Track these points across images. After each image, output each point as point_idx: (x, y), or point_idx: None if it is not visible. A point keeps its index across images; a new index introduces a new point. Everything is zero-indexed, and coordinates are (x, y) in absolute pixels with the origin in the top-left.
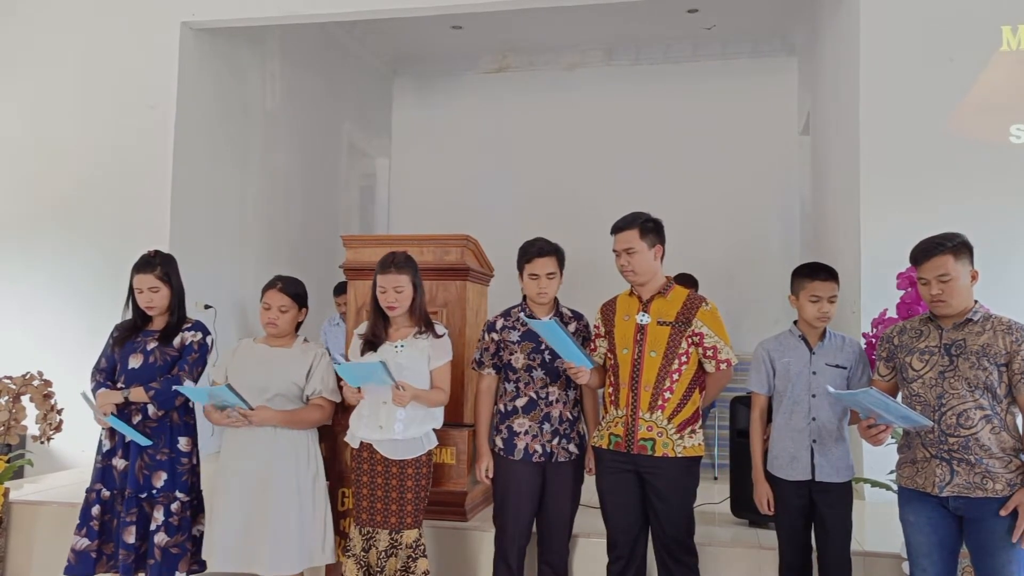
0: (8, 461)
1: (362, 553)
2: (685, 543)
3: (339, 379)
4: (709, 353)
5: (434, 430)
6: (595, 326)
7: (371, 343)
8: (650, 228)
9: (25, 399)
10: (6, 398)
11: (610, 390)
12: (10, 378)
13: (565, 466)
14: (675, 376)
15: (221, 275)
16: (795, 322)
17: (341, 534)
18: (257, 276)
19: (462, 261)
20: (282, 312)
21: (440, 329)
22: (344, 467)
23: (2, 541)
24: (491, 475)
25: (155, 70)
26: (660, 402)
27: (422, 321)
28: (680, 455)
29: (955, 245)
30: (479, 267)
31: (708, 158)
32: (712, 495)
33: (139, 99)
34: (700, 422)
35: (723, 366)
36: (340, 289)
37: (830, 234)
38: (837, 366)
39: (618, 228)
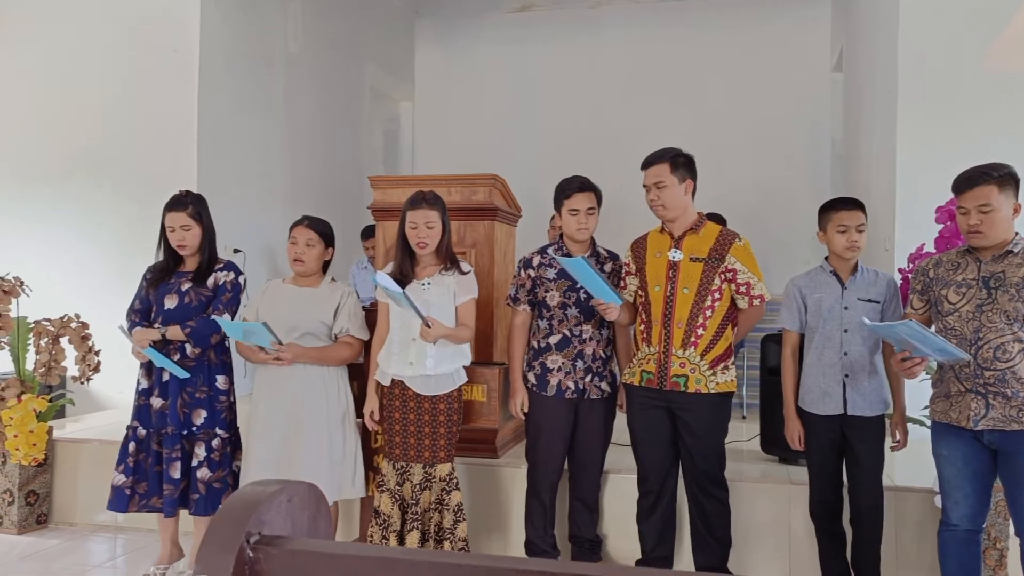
0: (50, 401)
1: (396, 487)
2: (717, 477)
3: (368, 314)
4: (742, 289)
5: (464, 367)
6: (625, 263)
7: (398, 281)
8: (681, 162)
9: (64, 341)
10: (46, 340)
11: (642, 327)
12: (49, 320)
13: (597, 403)
14: (708, 313)
15: (248, 220)
16: (826, 258)
17: (374, 469)
18: (284, 221)
19: (490, 201)
20: (308, 247)
21: (465, 266)
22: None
23: (47, 477)
24: (526, 410)
25: (177, 15)
26: (693, 339)
27: (448, 259)
28: (713, 391)
29: (1001, 176)
30: (507, 207)
31: (736, 96)
32: (741, 433)
33: (163, 44)
34: (732, 358)
35: (756, 302)
36: (368, 232)
37: (862, 172)
38: (870, 300)
39: (648, 162)
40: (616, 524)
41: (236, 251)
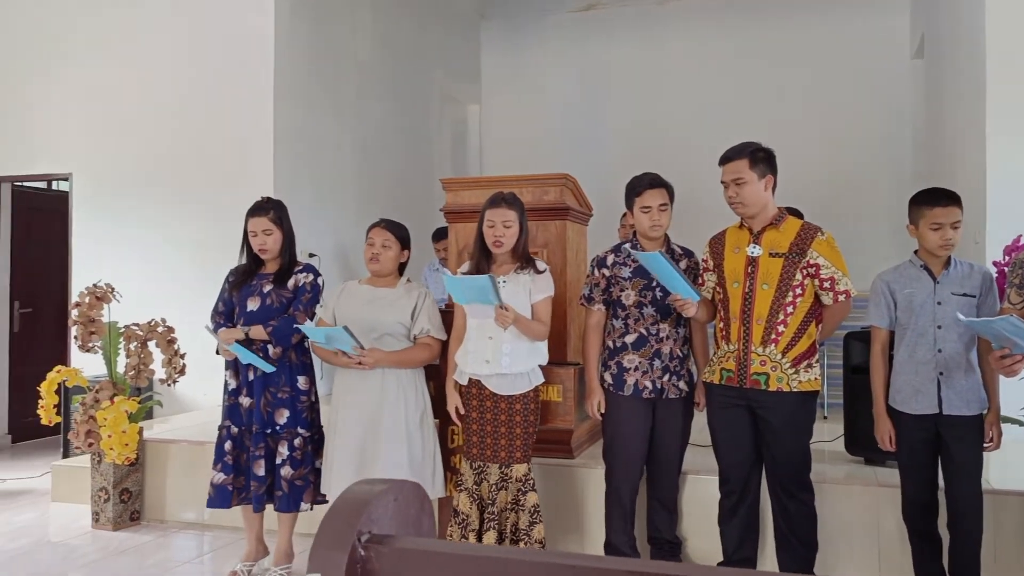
0: (140, 402)
1: (474, 487)
2: (801, 479)
3: (444, 315)
4: (826, 285)
5: (540, 367)
6: (703, 260)
7: None
8: (761, 157)
9: (151, 344)
10: (135, 344)
11: (720, 325)
12: (137, 325)
13: (675, 403)
14: (789, 309)
15: (322, 224)
16: (915, 252)
17: (452, 470)
18: (356, 224)
19: (561, 200)
20: (384, 248)
21: (541, 265)
22: None
23: (139, 476)
24: (603, 410)
25: (253, 26)
26: (773, 336)
27: (523, 259)
28: (795, 390)
29: None
30: (578, 206)
31: (811, 87)
32: (823, 434)
33: (240, 55)
34: (816, 356)
35: (841, 298)
36: (439, 235)
37: (947, 161)
38: (964, 295)
39: (726, 158)
40: (697, 525)
41: (311, 255)
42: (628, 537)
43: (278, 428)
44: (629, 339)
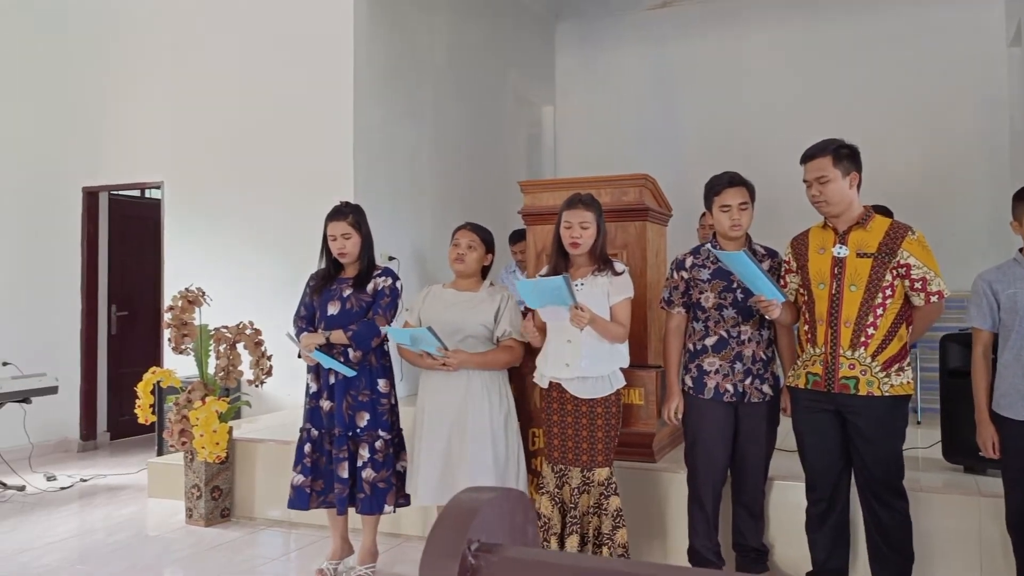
0: (230, 403)
1: (556, 490)
2: (894, 486)
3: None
4: (917, 285)
5: (621, 370)
6: (785, 261)
7: None
8: (844, 154)
9: (239, 346)
10: (224, 346)
11: (805, 327)
12: (227, 327)
13: (759, 407)
14: (879, 311)
15: (400, 227)
16: (1020, 250)
17: (533, 472)
18: (433, 228)
19: (640, 201)
20: (470, 249)
21: (620, 266)
22: (533, 408)
23: (229, 474)
24: (680, 415)
25: (333, 34)
26: (863, 339)
27: (601, 260)
28: (887, 394)
29: None
30: (658, 207)
31: (900, 79)
32: (916, 440)
33: (321, 62)
34: (908, 359)
35: (934, 299)
36: (515, 237)
37: None
38: None
39: (809, 156)
40: (784, 533)
41: (390, 258)
42: (712, 543)
43: (359, 431)
44: (709, 342)
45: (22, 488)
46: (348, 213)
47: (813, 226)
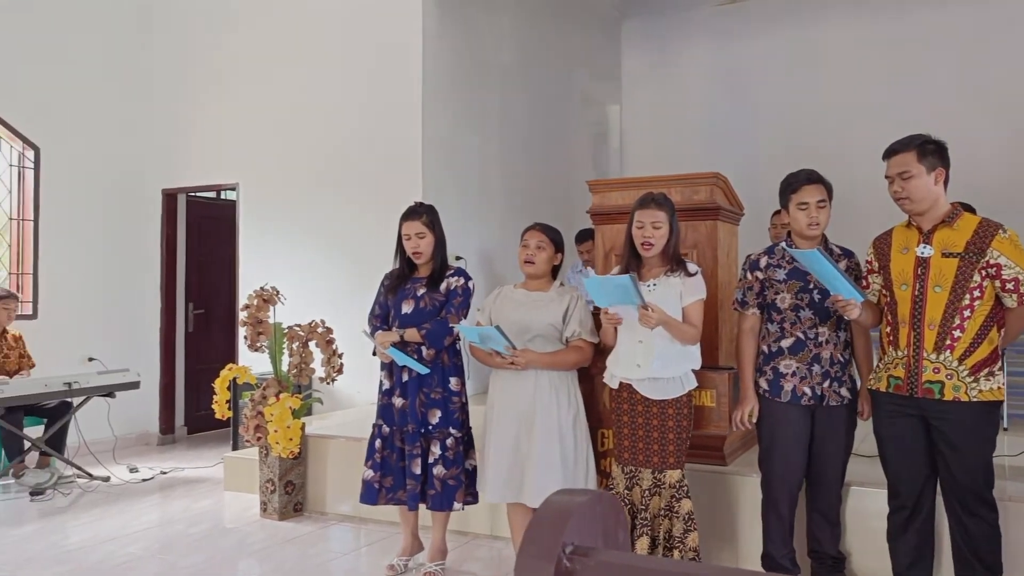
0: (302, 399)
1: (625, 491)
2: (982, 495)
3: (597, 318)
4: (1009, 286)
5: (693, 372)
6: (867, 261)
7: None
8: (930, 150)
9: (312, 344)
10: (297, 344)
11: (887, 329)
12: (299, 326)
13: (837, 410)
14: (966, 313)
15: (468, 228)
16: None
17: (603, 473)
18: (500, 228)
19: (712, 200)
20: (539, 249)
21: (692, 267)
22: (603, 408)
23: (302, 469)
24: (755, 419)
25: (402, 38)
26: (948, 342)
27: (674, 260)
28: (975, 399)
29: None
30: (729, 205)
31: (984, 70)
32: (1003, 447)
33: (390, 66)
34: (999, 363)
35: None
36: (582, 236)
37: None
38: None
39: (892, 151)
40: (862, 541)
41: (458, 258)
42: (787, 550)
43: (431, 428)
44: (785, 343)
45: (107, 479)
46: (423, 213)
47: (897, 225)
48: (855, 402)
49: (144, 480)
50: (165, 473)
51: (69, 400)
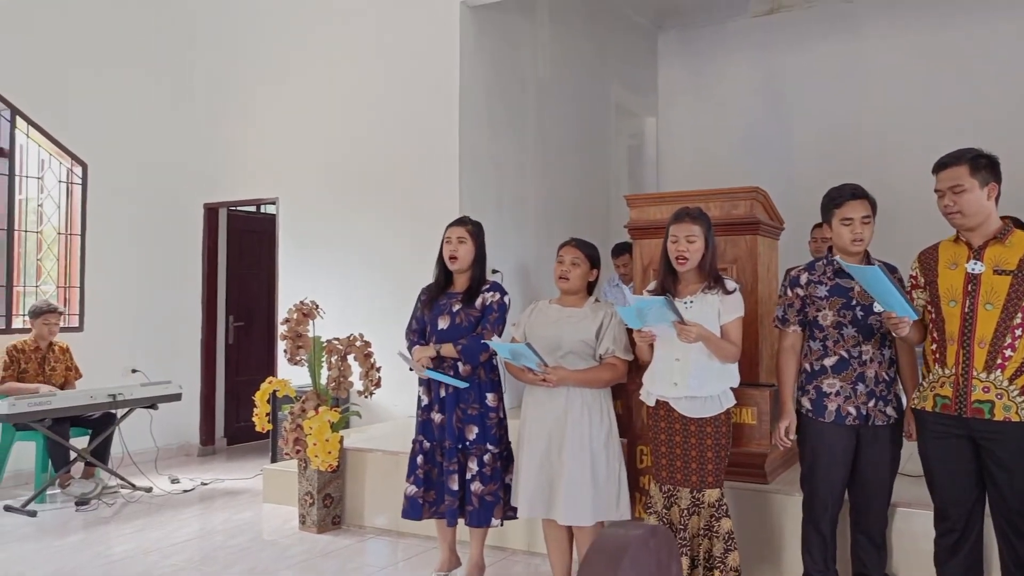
0: (341, 412)
1: (664, 510)
2: None
3: (631, 335)
4: None
5: (732, 389)
6: (911, 276)
7: None
8: (983, 164)
9: (350, 358)
10: (335, 357)
11: (933, 347)
12: (338, 339)
13: (883, 430)
14: (1018, 332)
15: (504, 241)
16: None
17: (641, 491)
18: (536, 243)
19: (751, 214)
20: (574, 266)
21: (731, 284)
22: (640, 426)
23: (340, 483)
24: (792, 436)
25: (439, 51)
26: (999, 361)
27: (711, 277)
28: None
29: None
30: (769, 220)
31: None
32: None
33: (428, 80)
34: None
35: None
36: (618, 250)
37: None
38: None
39: (943, 164)
40: (908, 564)
41: (494, 271)
42: (829, 572)
43: (468, 444)
44: (828, 362)
45: (149, 489)
46: (469, 222)
47: (943, 240)
48: (901, 421)
49: (185, 491)
50: (205, 484)
51: (113, 411)
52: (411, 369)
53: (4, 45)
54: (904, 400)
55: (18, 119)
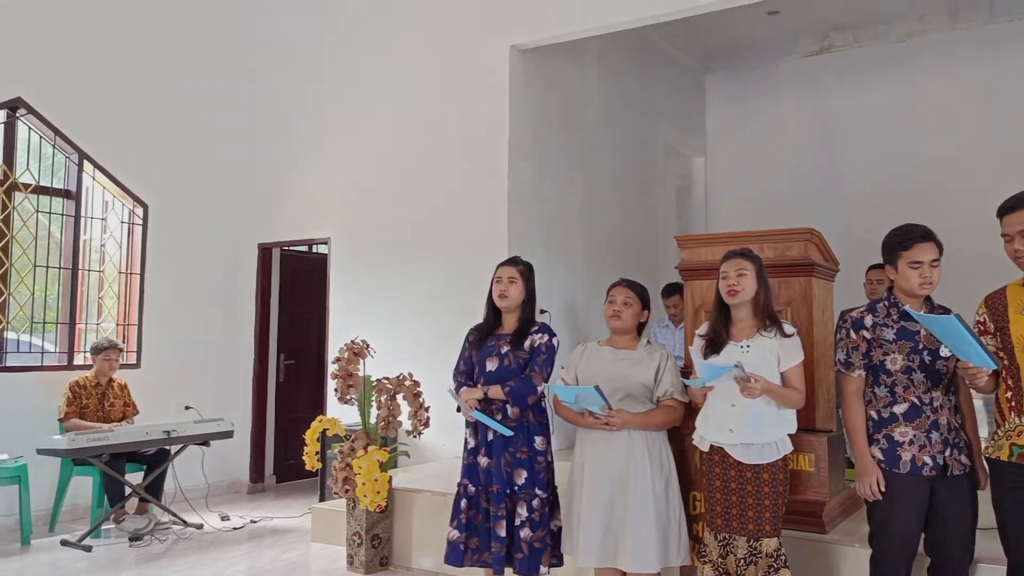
0: (390, 452)
1: (719, 559)
2: None
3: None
4: None
5: (789, 435)
6: (978, 322)
7: (713, 343)
8: None
9: (399, 397)
10: (385, 396)
11: (1007, 395)
12: (387, 379)
13: (961, 480)
14: None
15: (551, 281)
16: None
17: (694, 538)
18: (584, 283)
19: (806, 256)
20: (626, 306)
21: (789, 328)
22: (694, 470)
23: (388, 523)
24: (883, 490)
25: (490, 93)
26: None
27: (767, 317)
28: None
29: None
30: (824, 261)
31: None
32: None
33: (478, 122)
34: None
35: None
36: (668, 291)
37: None
38: None
39: (1010, 208)
40: None
41: (542, 311)
42: None
43: (517, 488)
44: (899, 409)
45: (200, 526)
46: (520, 263)
47: (1011, 283)
48: (974, 469)
49: (235, 528)
50: (255, 522)
51: (167, 448)
52: (458, 410)
53: (75, 96)
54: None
55: (85, 162)
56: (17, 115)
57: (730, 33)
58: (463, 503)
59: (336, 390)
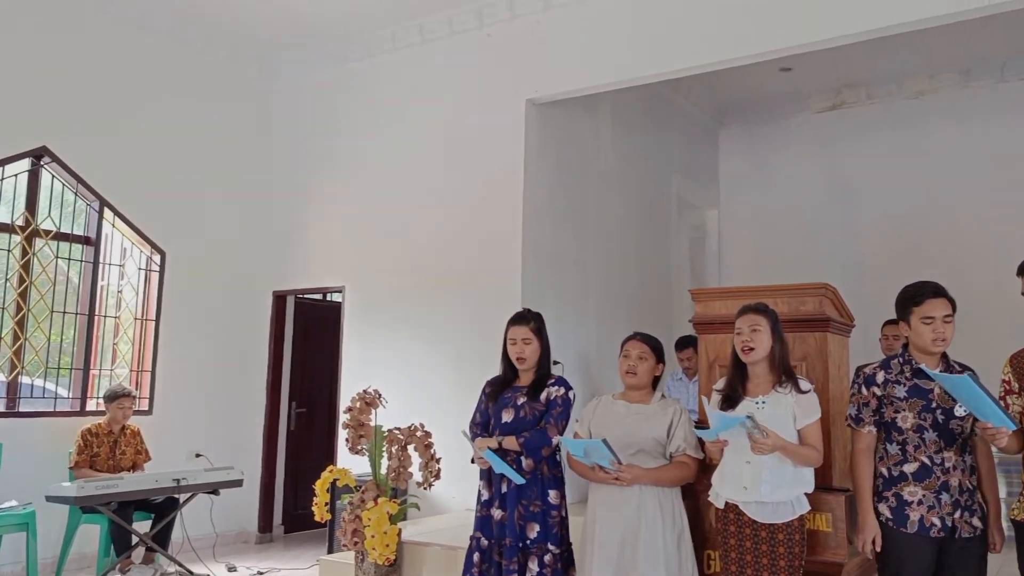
0: (400, 504)
1: None
2: None
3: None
4: None
5: (806, 495)
6: (1004, 381)
7: (729, 398)
8: None
9: (410, 448)
10: (396, 447)
11: None
12: (399, 429)
13: (971, 543)
14: None
15: (565, 333)
16: None
17: None
18: (597, 335)
19: (821, 311)
20: (641, 360)
21: (805, 384)
22: (708, 528)
23: None
24: (879, 548)
25: (505, 146)
26: None
27: (782, 372)
28: None
29: None
30: (839, 317)
31: None
32: None
33: (493, 175)
34: None
35: None
36: (682, 344)
37: None
38: None
39: None
40: None
41: (555, 363)
42: None
43: (529, 542)
44: (909, 468)
45: None
46: (531, 319)
47: None
48: (987, 532)
49: None
50: (262, 574)
51: (176, 496)
52: (473, 461)
53: (98, 144)
54: (987, 508)
55: (105, 210)
56: (41, 163)
57: (743, 89)
58: (475, 556)
59: (347, 440)
